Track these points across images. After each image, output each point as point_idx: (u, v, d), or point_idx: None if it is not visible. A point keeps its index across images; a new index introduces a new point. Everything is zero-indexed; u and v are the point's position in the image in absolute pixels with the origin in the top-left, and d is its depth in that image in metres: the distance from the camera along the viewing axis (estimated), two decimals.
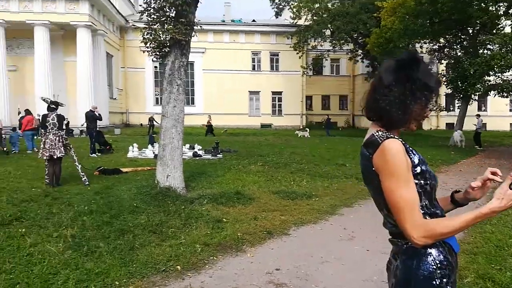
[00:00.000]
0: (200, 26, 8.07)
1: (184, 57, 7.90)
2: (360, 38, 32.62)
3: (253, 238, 5.01)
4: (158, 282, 3.71)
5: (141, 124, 34.99)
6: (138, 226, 5.17)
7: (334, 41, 32.22)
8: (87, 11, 26.64)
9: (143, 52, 8.19)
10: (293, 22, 33.27)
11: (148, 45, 7.90)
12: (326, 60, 35.96)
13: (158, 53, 7.93)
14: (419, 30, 21.50)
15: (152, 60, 36.28)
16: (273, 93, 38.27)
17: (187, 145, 14.61)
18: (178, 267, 4.02)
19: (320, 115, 37.35)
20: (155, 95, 37.87)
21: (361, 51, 33.86)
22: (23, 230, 4.87)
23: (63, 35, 28.87)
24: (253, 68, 38.17)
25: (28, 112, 16.11)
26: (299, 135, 25.92)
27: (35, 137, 16.09)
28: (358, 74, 40.02)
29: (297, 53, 33.09)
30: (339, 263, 4.31)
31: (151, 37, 7.71)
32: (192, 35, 7.93)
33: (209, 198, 6.88)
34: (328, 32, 32.63)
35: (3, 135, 14.80)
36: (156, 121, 26.16)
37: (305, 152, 15.31)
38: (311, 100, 41.65)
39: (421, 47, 27.00)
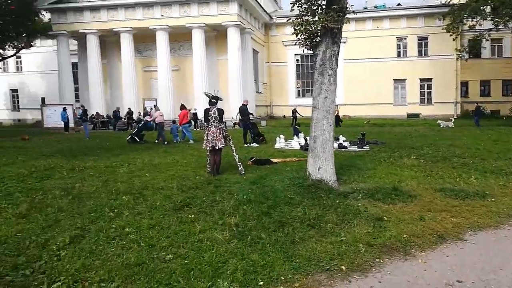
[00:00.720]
0: (354, 12, 7.62)
1: (336, 45, 7.56)
2: None
3: (422, 242, 4.47)
4: (324, 281, 3.53)
5: (284, 116, 36.03)
6: (296, 219, 5.11)
7: (496, 19, 27.70)
8: (236, 11, 28.35)
9: (294, 44, 8.14)
10: (445, 2, 29.79)
11: (298, 36, 7.80)
12: (487, 40, 31.15)
13: (308, 43, 7.77)
14: None
15: (294, 54, 37.25)
16: (421, 80, 35.18)
17: None
18: (343, 267, 3.78)
19: (478, 102, 32.84)
20: (297, 87, 38.58)
21: None
22: (192, 216, 5.25)
23: (215, 36, 31.40)
24: (398, 55, 35.68)
25: (183, 106, 17.87)
26: (441, 125, 23.33)
27: (191, 129, 17.92)
28: None
29: (450, 35, 29.45)
30: None
31: (301, 28, 7.59)
32: (344, 21, 7.56)
33: (364, 193, 6.48)
34: (488, 9, 28.24)
35: (164, 127, 16.84)
36: (298, 113, 26.55)
37: (465, 144, 13.55)
38: (466, 87, 36.94)
39: None
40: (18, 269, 3.62)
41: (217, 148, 8.39)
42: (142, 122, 18.87)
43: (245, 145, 14.54)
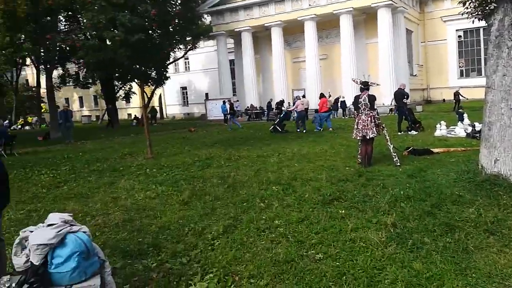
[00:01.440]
0: None
1: None
2: None
3: None
4: None
5: (444, 99, 32.53)
6: (468, 222, 4.29)
7: None
8: None
9: (462, 14, 6.97)
10: None
11: (467, 5, 6.66)
12: None
13: (480, 12, 6.56)
14: None
15: (456, 30, 33.06)
16: None
17: None
18: None
19: None
20: (459, 67, 34.32)
21: None
22: (343, 211, 4.89)
23: (364, 19, 30.05)
24: None
25: (322, 95, 18.05)
26: None
27: (330, 117, 17.91)
28: None
29: None
30: None
31: None
32: None
33: None
34: None
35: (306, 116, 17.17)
36: (462, 95, 23.72)
37: None
38: None
39: None
40: (176, 256, 3.84)
41: (368, 137, 7.80)
42: (284, 112, 19.34)
43: (399, 133, 13.41)
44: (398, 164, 7.67)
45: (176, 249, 4.00)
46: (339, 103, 26.45)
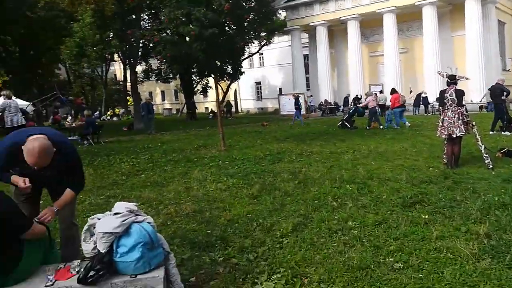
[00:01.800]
0: None
1: None
2: None
3: None
4: None
5: None
6: None
7: None
8: None
9: None
10: None
11: None
12: None
13: None
14: None
15: None
16: None
17: None
18: None
19: None
20: None
21: None
22: (426, 216, 4.41)
23: (450, 10, 28.03)
24: None
25: (393, 90, 17.35)
26: None
27: (403, 113, 16.91)
28: None
29: None
30: None
31: None
32: None
33: None
34: None
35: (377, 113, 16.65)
36: None
37: None
38: None
39: None
40: (243, 252, 3.70)
41: (454, 136, 7.08)
42: (354, 108, 18.74)
43: (491, 132, 12.15)
44: (491, 166, 6.86)
45: (243, 244, 3.87)
46: (420, 99, 24.92)
